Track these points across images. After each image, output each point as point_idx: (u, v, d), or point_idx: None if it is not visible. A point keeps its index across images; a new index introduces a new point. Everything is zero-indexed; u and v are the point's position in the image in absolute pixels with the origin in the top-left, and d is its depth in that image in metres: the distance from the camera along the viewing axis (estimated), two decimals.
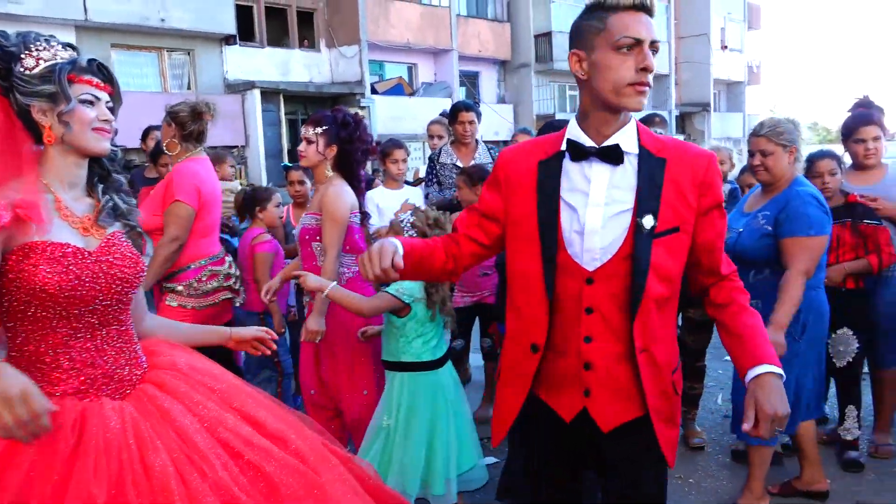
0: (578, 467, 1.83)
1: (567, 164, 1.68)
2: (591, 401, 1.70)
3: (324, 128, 3.11)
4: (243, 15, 17.26)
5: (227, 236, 4.87)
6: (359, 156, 3.17)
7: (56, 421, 1.48)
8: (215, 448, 1.63)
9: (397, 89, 20.24)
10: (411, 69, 21.53)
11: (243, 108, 16.40)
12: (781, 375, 1.59)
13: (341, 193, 3.07)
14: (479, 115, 4.69)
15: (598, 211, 1.64)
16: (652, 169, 1.64)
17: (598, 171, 1.65)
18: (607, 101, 1.62)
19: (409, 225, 2.92)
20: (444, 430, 2.87)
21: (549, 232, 1.67)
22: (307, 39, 18.94)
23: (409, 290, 2.86)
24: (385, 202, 4.56)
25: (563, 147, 1.69)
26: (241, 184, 5.55)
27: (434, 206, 4.56)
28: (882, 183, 3.57)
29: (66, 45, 1.69)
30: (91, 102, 1.68)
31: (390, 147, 4.64)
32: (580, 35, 1.65)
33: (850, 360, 3.43)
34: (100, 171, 1.78)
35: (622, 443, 1.71)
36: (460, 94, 21.45)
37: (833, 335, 3.40)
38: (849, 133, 3.63)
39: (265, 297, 3.34)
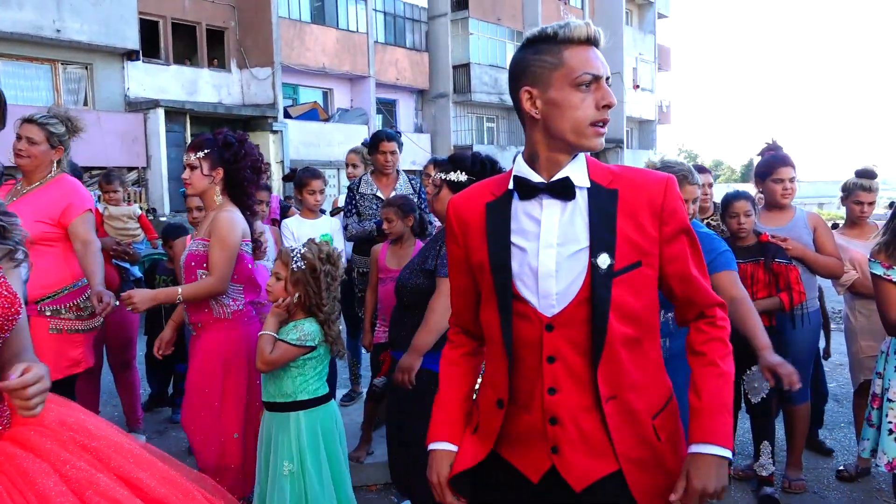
0: None
1: (516, 204, 1.63)
2: (559, 458, 1.61)
3: (205, 151, 3.08)
4: (148, 30, 16.82)
5: (125, 264, 4.64)
6: (247, 174, 3.13)
7: None
8: None
9: (312, 114, 20.11)
10: (327, 94, 21.45)
11: (145, 127, 15.86)
12: (726, 458, 1.57)
13: (234, 219, 3.03)
14: (400, 145, 4.69)
15: (550, 252, 1.58)
16: (603, 203, 1.58)
17: (549, 209, 1.60)
18: (566, 140, 1.58)
19: (299, 256, 2.87)
20: (344, 463, 2.89)
21: (501, 278, 1.62)
22: (217, 59, 18.62)
23: (312, 334, 2.83)
24: (301, 231, 4.49)
25: (511, 186, 1.64)
26: (140, 207, 5.32)
27: (354, 237, 4.55)
28: (792, 223, 3.80)
29: None
30: None
31: (307, 177, 4.58)
32: (530, 71, 1.58)
33: (764, 396, 3.57)
34: None
35: (600, 501, 1.62)
36: (377, 121, 21.52)
37: (747, 372, 3.54)
38: (767, 173, 3.83)
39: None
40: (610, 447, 1.59)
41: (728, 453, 1.56)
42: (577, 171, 1.60)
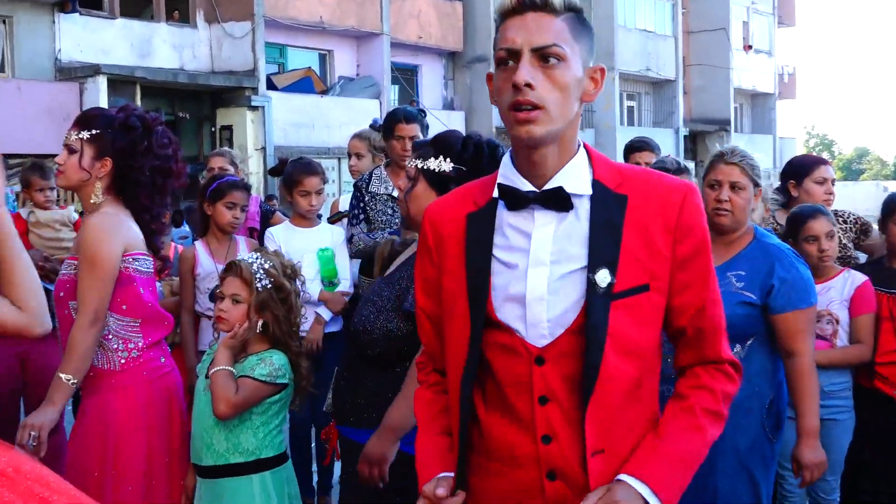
0: None
1: (502, 214, 1.79)
2: None
3: (93, 131, 3.01)
4: None
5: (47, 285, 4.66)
6: (145, 178, 3.05)
7: None
8: None
9: (304, 85, 20.29)
10: (324, 58, 21.64)
11: (81, 101, 16.10)
12: (642, 498, 1.67)
13: (108, 225, 2.95)
14: (425, 126, 4.70)
15: (542, 272, 1.73)
16: (608, 209, 1.72)
17: (541, 220, 1.75)
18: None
19: (261, 271, 2.92)
20: None
21: (479, 304, 1.77)
22: (178, 10, 18.89)
23: (283, 367, 2.93)
24: (292, 245, 4.48)
25: (496, 193, 1.80)
26: (77, 210, 5.37)
27: (362, 253, 4.54)
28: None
29: None
30: None
31: (300, 172, 4.60)
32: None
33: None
34: None
35: None
36: (392, 94, 21.63)
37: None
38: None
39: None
40: None
41: (650, 496, 1.66)
42: (574, 173, 1.75)
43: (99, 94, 15.97)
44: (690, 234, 1.74)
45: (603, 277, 1.69)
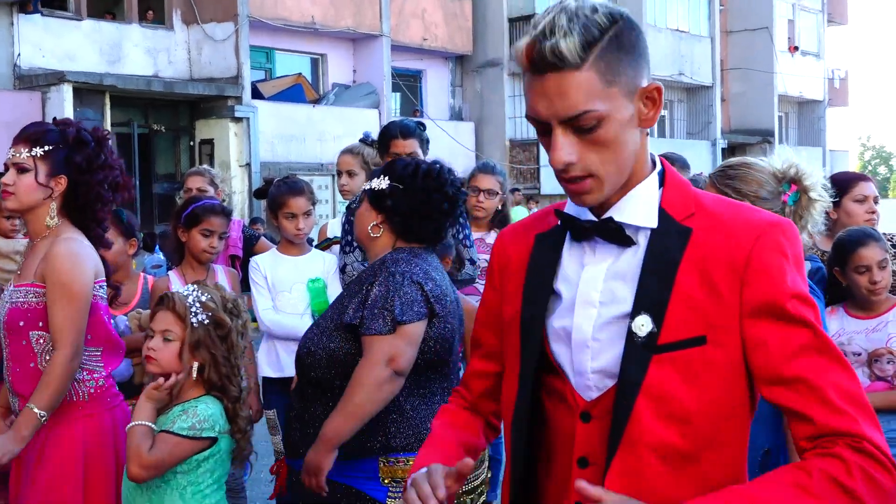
0: None
1: (568, 244, 1.78)
2: None
3: (46, 148, 3.11)
4: None
5: None
6: (103, 192, 3.21)
7: None
8: None
9: (294, 93, 20.40)
10: (317, 62, 21.76)
11: (44, 112, 16.18)
12: None
13: (78, 252, 3.09)
14: (424, 141, 4.70)
15: (589, 314, 1.71)
16: (665, 244, 1.67)
17: (600, 255, 1.73)
18: None
19: (197, 304, 2.91)
20: None
21: (532, 337, 1.76)
22: (152, 10, 19.02)
23: (211, 418, 2.89)
24: (279, 275, 4.49)
25: (560, 220, 1.78)
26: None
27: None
28: None
29: None
30: None
31: (284, 194, 4.58)
32: None
33: None
34: None
35: None
36: (393, 103, 21.68)
37: None
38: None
39: None
40: None
41: None
42: (637, 202, 1.70)
43: (64, 105, 16.08)
44: (761, 278, 1.61)
45: (641, 325, 1.63)
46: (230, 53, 18.68)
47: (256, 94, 19.35)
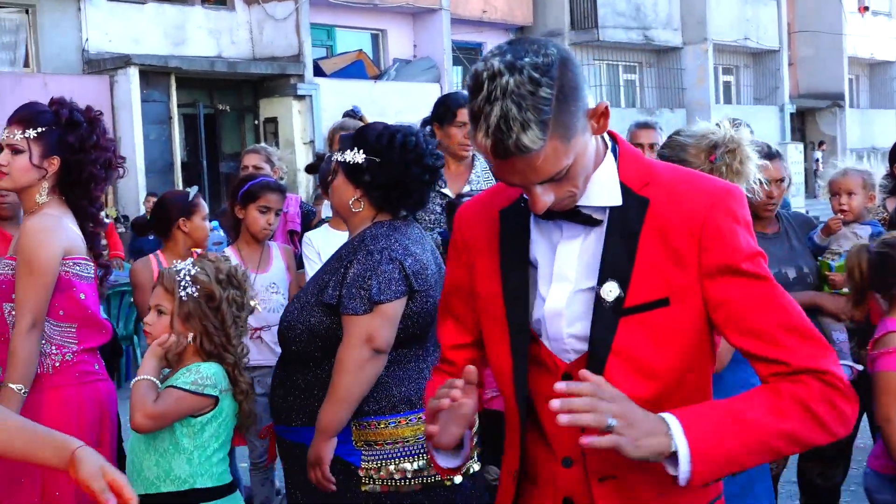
0: None
1: (533, 219, 1.86)
2: None
3: (39, 129, 3.18)
4: None
5: None
6: (96, 171, 3.28)
7: None
8: None
9: (355, 69, 20.43)
10: (377, 38, 21.77)
11: (112, 96, 16.46)
12: (667, 426, 1.63)
13: (48, 227, 3.16)
14: None
15: (564, 287, 1.81)
16: (626, 215, 1.76)
17: (567, 233, 1.82)
18: None
19: (188, 280, 2.95)
20: None
21: (519, 310, 1.84)
22: None
23: (213, 377, 2.95)
24: (332, 249, 4.44)
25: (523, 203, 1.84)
26: (106, 214, 5.53)
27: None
28: None
29: None
30: None
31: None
32: None
33: None
34: None
35: None
36: (454, 76, 21.65)
37: None
38: None
39: None
40: None
41: (685, 465, 1.60)
42: (600, 185, 1.78)
43: (130, 88, 16.36)
44: (718, 240, 1.73)
45: (609, 291, 1.74)
46: (291, 32, 18.79)
47: (318, 71, 19.43)
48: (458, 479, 2.98)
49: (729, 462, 1.65)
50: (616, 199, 1.77)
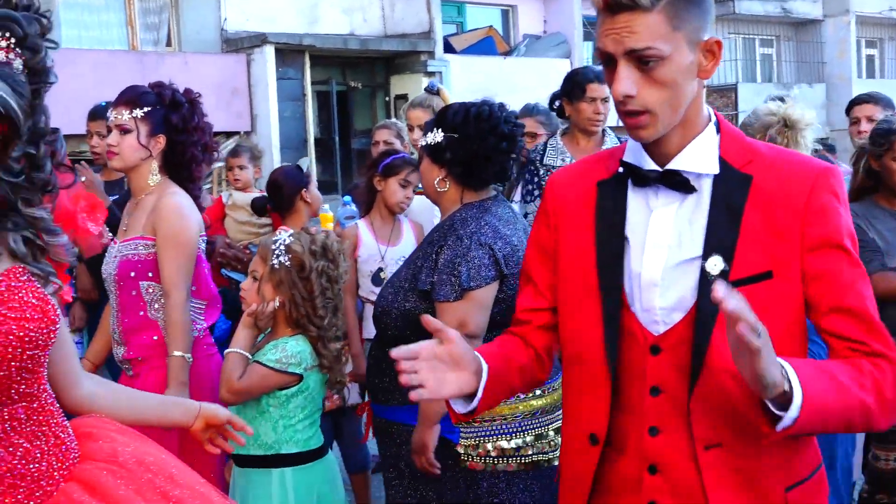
0: None
1: (630, 189, 1.89)
2: None
3: (145, 109, 3.29)
4: None
5: (238, 276, 4.88)
6: (196, 153, 3.41)
7: None
8: None
9: (485, 45, 20.47)
10: (507, 14, 21.74)
11: (249, 74, 16.89)
12: (783, 368, 1.63)
13: (185, 205, 3.30)
14: None
15: (658, 255, 1.83)
16: (729, 191, 1.79)
17: (663, 201, 1.84)
18: None
19: (282, 248, 3.03)
20: None
21: (611, 280, 1.87)
22: None
23: (299, 355, 3.03)
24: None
25: (621, 168, 1.89)
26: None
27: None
28: None
29: None
30: None
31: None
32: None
33: None
34: (4, 202, 1.87)
35: None
36: (583, 52, 21.47)
37: None
38: None
39: None
40: None
41: (795, 409, 1.60)
42: (699, 152, 1.82)
43: (266, 65, 16.69)
44: (822, 216, 1.76)
45: (714, 265, 1.76)
46: (422, 9, 18.87)
47: (448, 48, 19.50)
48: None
49: (823, 419, 1.66)
50: (713, 168, 1.80)
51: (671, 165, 1.82)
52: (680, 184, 1.81)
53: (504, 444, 3.07)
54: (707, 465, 1.77)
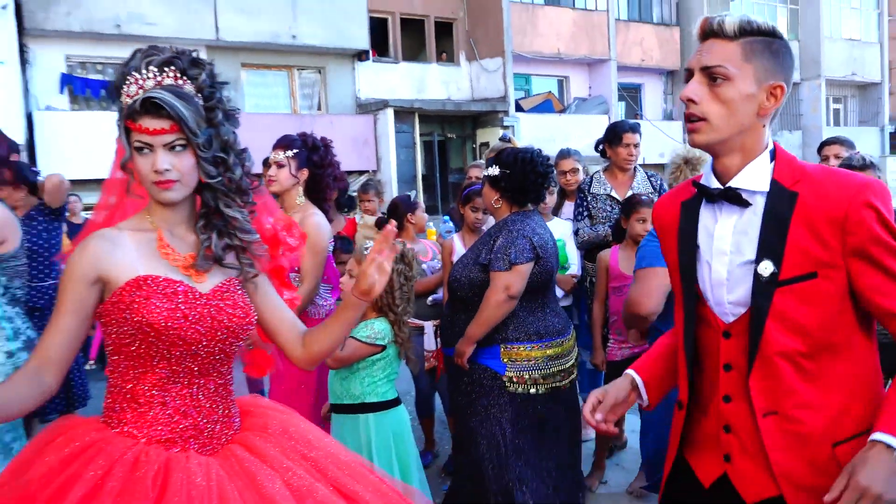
0: None
1: (703, 205, 1.80)
2: (731, 466, 1.76)
3: (294, 151, 3.42)
4: (377, 28, 18.10)
5: None
6: (329, 181, 3.51)
7: (138, 469, 1.60)
8: None
9: (546, 106, 20.33)
10: (562, 83, 21.56)
11: (375, 129, 17.09)
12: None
13: (322, 223, 3.37)
14: (640, 135, 4.66)
15: (723, 261, 1.73)
16: (778, 206, 1.66)
17: (725, 214, 1.74)
18: None
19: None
20: (416, 469, 3.12)
21: (688, 281, 1.80)
22: (445, 53, 19.52)
23: (382, 332, 3.06)
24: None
25: (697, 189, 1.80)
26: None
27: (586, 243, 4.54)
28: None
29: (179, 65, 1.72)
30: (144, 150, 1.69)
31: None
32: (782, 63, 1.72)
33: None
34: (208, 205, 1.83)
35: None
36: (619, 109, 21.19)
37: None
38: None
39: None
40: (770, 467, 1.67)
41: None
42: (753, 173, 1.69)
43: (388, 123, 16.89)
44: (859, 227, 1.59)
45: (765, 268, 1.66)
46: (499, 80, 18.89)
47: (518, 108, 19.45)
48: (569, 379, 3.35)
49: None
50: (764, 186, 1.67)
51: (730, 184, 1.71)
52: (736, 199, 1.70)
53: (537, 374, 3.24)
54: (765, 429, 1.68)
